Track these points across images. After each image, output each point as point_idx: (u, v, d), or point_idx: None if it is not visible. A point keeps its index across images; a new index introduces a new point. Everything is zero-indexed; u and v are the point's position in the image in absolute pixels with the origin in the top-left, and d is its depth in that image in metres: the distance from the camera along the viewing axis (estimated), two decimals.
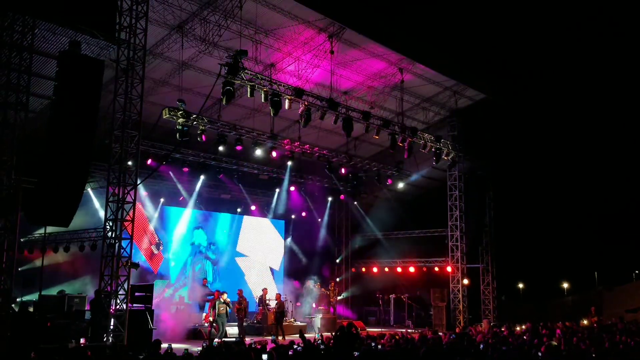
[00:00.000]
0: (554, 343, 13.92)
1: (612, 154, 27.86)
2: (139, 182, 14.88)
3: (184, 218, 24.87)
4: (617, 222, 29.04)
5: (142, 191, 21.99)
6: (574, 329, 19.60)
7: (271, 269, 28.46)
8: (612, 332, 18.13)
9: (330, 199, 29.06)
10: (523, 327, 20.10)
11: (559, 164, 27.86)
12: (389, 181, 25.22)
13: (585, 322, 23.51)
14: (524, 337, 16.71)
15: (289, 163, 22.50)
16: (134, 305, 15.23)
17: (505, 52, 23.52)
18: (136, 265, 14.59)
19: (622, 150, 27.53)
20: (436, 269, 27.82)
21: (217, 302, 19.02)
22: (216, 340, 17.68)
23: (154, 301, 17.01)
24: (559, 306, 30.55)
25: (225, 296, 19.54)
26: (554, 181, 28.25)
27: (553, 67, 24.55)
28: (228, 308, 19.40)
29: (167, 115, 17.29)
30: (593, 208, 29.13)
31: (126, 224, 14.34)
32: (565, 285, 36.12)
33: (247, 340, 16.66)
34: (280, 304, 21.22)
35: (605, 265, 31.55)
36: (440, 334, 17.07)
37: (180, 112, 17.36)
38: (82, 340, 14.39)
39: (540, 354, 12.06)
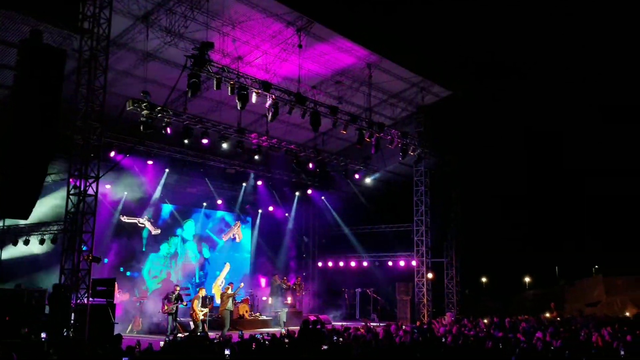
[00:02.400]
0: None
1: (574, 150, 28.41)
2: (101, 174, 14.63)
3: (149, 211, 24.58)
4: (577, 218, 29.65)
5: (104, 184, 21.65)
6: (537, 322, 20.03)
7: (237, 264, 28.29)
8: (570, 326, 18.55)
9: (297, 193, 29.07)
10: (485, 320, 20.39)
11: (523, 160, 28.32)
12: (356, 176, 25.30)
13: (547, 315, 23.99)
14: (485, 330, 17.00)
15: (256, 157, 22.38)
16: (96, 299, 15.00)
17: (472, 49, 23.78)
18: (98, 259, 14.35)
19: (583, 146, 28.09)
20: (402, 263, 28.08)
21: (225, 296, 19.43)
22: (179, 335, 17.57)
23: None
24: (521, 300, 31.11)
25: (229, 290, 19.83)
26: (518, 178, 28.70)
27: (518, 65, 24.90)
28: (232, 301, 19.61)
29: (131, 107, 17.01)
30: (555, 205, 29.69)
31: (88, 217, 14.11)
32: (528, 279, 36.81)
33: (211, 334, 16.62)
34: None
35: (566, 261, 32.24)
36: (405, 327, 17.24)
37: (145, 104, 17.09)
38: (42, 335, 14.14)
39: (500, 345, 12.26)
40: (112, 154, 19.39)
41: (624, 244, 28.83)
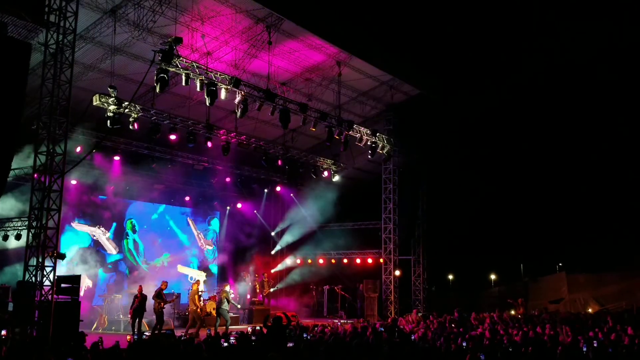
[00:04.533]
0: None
1: (539, 150, 28.87)
2: (66, 170, 14.41)
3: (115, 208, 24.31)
4: (542, 216, 30.17)
5: (70, 180, 21.33)
6: (502, 318, 20.38)
7: (205, 261, 28.16)
8: (534, 322, 18.92)
9: (266, 190, 29.01)
10: (450, 317, 20.67)
11: (489, 159, 28.67)
12: (325, 174, 25.38)
13: (512, 312, 24.42)
14: (452, 325, 17.25)
15: (225, 154, 22.26)
16: (60, 296, 14.78)
17: (441, 48, 23.98)
18: (62, 256, 14.14)
19: (548, 146, 28.57)
20: (369, 260, 28.27)
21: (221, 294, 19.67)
22: (146, 333, 17.42)
23: None
24: (486, 297, 31.59)
25: (227, 287, 20.12)
26: (484, 176, 29.06)
27: (487, 65, 25.19)
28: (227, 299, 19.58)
29: (98, 102, 16.82)
30: (520, 203, 30.16)
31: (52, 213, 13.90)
32: (493, 276, 37.34)
33: (178, 332, 16.53)
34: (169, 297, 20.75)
35: (530, 258, 32.78)
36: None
37: (112, 99, 16.90)
38: (3, 332, 13.88)
39: (464, 343, 12.44)
40: (78, 149, 19.08)
41: (587, 241, 29.46)
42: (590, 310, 25.74)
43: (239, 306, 23.04)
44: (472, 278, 34.00)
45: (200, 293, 19.59)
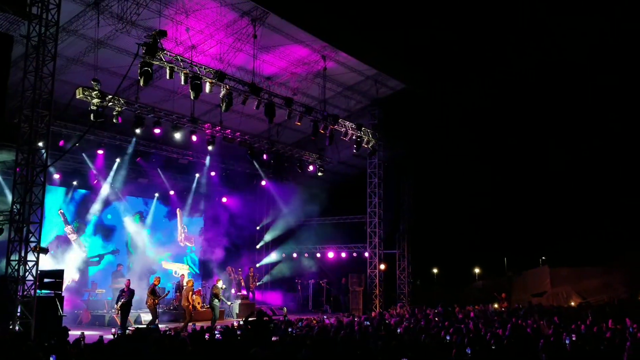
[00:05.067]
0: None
1: (525, 145, 29.09)
2: (49, 163, 14.27)
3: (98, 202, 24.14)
4: (526, 210, 30.44)
5: (53, 174, 21.15)
6: (486, 312, 20.56)
7: (190, 255, 28.07)
8: (517, 316, 19.10)
9: (251, 184, 28.91)
10: (435, 310, 20.82)
11: (474, 154, 28.84)
12: (311, 168, 25.37)
13: (495, 305, 24.62)
14: (436, 319, 17.35)
15: (210, 148, 22.18)
16: (43, 291, 14.66)
17: (426, 43, 24.03)
18: (45, 250, 14.01)
19: (533, 142, 28.79)
20: (355, 254, 28.33)
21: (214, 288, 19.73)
22: (130, 328, 17.34)
23: None
24: (470, 291, 31.83)
25: (220, 283, 20.31)
26: (469, 171, 29.24)
27: (471, 59, 25.31)
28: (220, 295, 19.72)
29: (81, 95, 16.65)
30: (504, 198, 30.39)
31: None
32: (477, 270, 37.64)
33: (162, 327, 16.46)
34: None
35: (514, 252, 33.08)
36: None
37: (95, 92, 16.75)
38: None
39: (448, 336, 12.52)
40: (61, 142, 18.91)
41: (570, 236, 29.78)
42: (572, 303, 26.01)
43: (229, 303, 23.06)
44: (457, 272, 34.29)
45: (192, 289, 19.54)
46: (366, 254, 26.82)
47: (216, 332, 13.05)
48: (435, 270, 36.40)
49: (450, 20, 23.36)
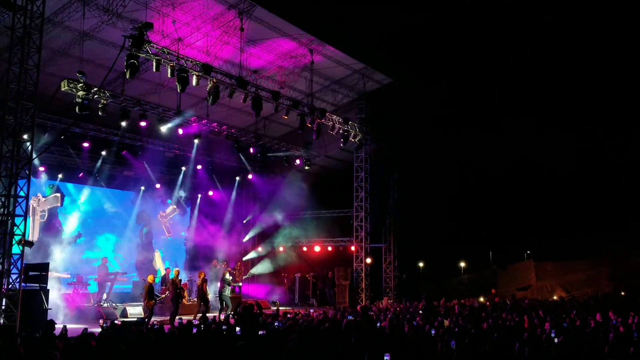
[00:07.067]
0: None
1: (509, 140, 29.24)
2: (34, 156, 14.17)
3: (84, 195, 23.99)
4: (511, 205, 30.65)
5: (38, 166, 21.00)
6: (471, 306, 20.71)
7: (175, 248, 28.01)
8: (504, 309, 19.28)
9: (238, 178, 28.86)
10: (418, 303, 20.96)
11: (460, 148, 28.96)
12: (297, 162, 25.36)
13: (481, 299, 24.83)
14: (420, 312, 17.46)
15: (196, 141, 22.12)
16: (28, 284, 14.59)
17: (413, 37, 24.05)
18: (30, 244, 13.93)
19: (519, 136, 28.94)
20: (341, 248, 28.39)
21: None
22: (116, 321, 17.27)
23: None
24: (456, 284, 32.07)
25: (227, 275, 20.86)
26: (455, 165, 29.37)
27: (459, 54, 25.35)
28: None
29: (66, 87, 16.53)
30: (489, 192, 30.57)
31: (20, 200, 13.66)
32: (463, 264, 37.88)
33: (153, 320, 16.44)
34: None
35: (499, 246, 33.34)
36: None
37: (81, 85, 16.64)
38: None
39: (433, 330, 12.62)
40: (46, 135, 18.77)
41: (555, 231, 30.04)
42: (556, 297, 26.29)
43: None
44: (442, 266, 34.47)
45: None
46: (352, 248, 26.91)
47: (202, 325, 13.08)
48: (421, 264, 36.57)
49: (438, 14, 23.37)
